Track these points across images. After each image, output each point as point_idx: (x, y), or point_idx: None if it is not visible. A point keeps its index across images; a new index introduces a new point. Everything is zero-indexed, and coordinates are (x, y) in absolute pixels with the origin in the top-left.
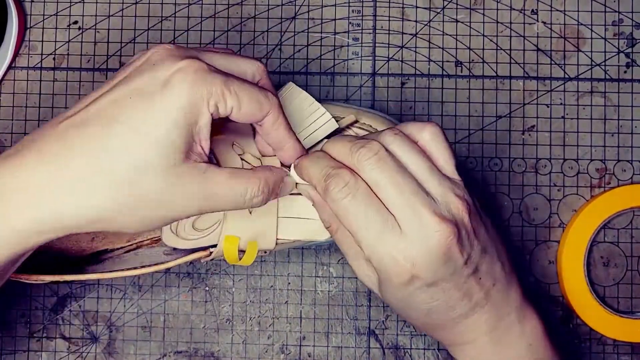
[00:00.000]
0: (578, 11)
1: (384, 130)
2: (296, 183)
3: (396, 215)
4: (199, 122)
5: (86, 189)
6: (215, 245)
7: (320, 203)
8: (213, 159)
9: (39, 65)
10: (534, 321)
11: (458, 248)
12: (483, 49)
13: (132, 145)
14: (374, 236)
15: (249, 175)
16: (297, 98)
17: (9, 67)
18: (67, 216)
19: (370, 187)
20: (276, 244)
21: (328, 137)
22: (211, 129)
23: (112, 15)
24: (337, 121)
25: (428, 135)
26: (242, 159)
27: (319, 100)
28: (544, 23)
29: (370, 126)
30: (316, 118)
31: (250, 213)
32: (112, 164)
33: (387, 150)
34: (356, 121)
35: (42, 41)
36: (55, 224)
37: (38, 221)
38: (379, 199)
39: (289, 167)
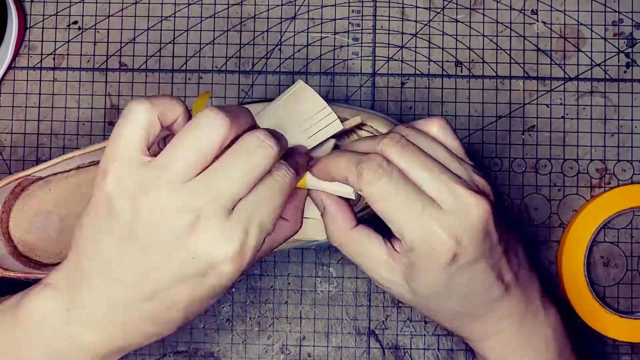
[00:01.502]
0: (578, 11)
1: (396, 126)
2: (308, 190)
3: (433, 195)
4: None
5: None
6: None
7: (333, 214)
8: None
9: (38, 65)
10: (554, 308)
11: (494, 223)
12: (483, 49)
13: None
14: (416, 216)
15: (284, 228)
16: (304, 96)
17: (9, 67)
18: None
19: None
20: None
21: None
22: None
23: (112, 15)
24: (342, 122)
25: (436, 128)
26: None
27: None
28: (544, 23)
29: (377, 130)
30: (322, 118)
31: None
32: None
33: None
34: (362, 124)
35: (42, 41)
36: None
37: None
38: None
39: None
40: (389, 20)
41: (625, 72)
